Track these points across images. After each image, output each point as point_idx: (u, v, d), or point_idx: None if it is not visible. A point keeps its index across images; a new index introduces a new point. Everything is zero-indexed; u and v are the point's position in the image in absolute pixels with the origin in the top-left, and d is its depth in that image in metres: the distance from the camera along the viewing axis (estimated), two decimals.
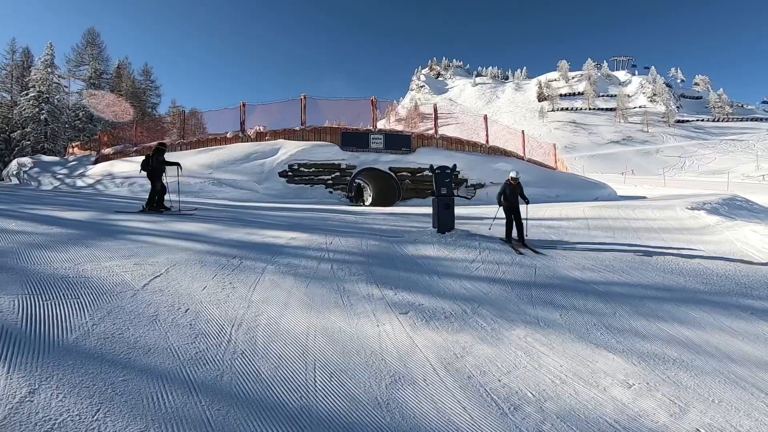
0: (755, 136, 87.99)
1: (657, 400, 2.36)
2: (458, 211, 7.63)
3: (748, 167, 60.19)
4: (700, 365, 2.81)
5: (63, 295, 3.07)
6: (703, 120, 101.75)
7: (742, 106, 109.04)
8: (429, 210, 8.21)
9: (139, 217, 7.14)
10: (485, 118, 19.41)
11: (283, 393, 2.20)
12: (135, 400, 1.98)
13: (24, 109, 33.33)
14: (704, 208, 9.16)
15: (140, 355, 2.40)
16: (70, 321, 2.68)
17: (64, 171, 18.56)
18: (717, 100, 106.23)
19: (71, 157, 23.18)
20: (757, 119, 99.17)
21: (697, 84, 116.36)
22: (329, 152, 15.71)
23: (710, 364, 2.84)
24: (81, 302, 2.98)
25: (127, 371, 2.21)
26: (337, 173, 15.43)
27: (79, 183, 16.11)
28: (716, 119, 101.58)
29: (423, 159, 16.00)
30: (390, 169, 16.17)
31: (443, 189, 7.20)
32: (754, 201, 13.02)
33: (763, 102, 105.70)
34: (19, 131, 33.16)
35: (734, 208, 10.23)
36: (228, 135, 17.14)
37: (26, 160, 21.19)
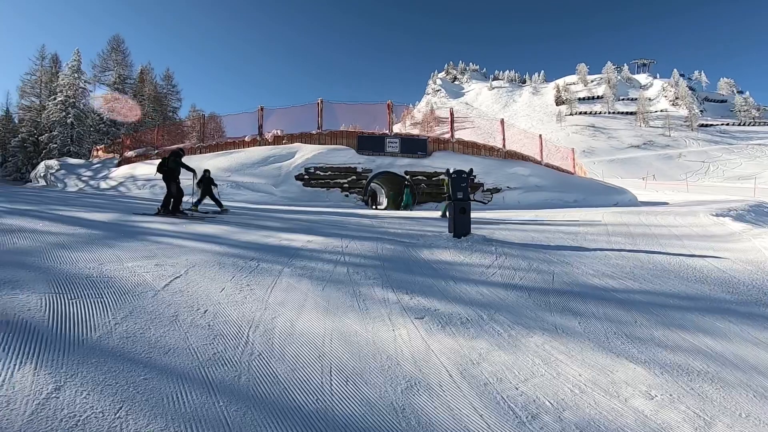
0: None
1: (681, 412, 2.29)
2: (474, 215, 7.58)
3: None
4: (726, 377, 2.72)
5: (87, 294, 3.16)
6: (728, 124, 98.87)
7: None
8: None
9: (159, 219, 7.30)
10: (502, 122, 19.27)
11: (299, 395, 2.21)
12: (156, 399, 2.02)
13: (52, 113, 34.52)
14: (730, 214, 8.89)
15: (161, 354, 2.45)
16: (93, 320, 2.75)
17: (89, 173, 19.14)
18: (743, 104, 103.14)
19: (95, 160, 23.92)
20: None
21: (737, 91, 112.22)
22: (345, 156, 15.83)
23: (737, 376, 2.75)
24: (104, 301, 3.06)
25: (148, 370, 2.25)
26: (353, 177, 15.52)
27: (103, 185, 16.61)
28: (742, 123, 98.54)
29: (439, 163, 15.98)
30: (405, 172, 16.20)
31: (459, 193, 7.17)
32: None
33: (738, 92, 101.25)
34: (46, 134, 34.35)
35: (762, 215, 9.91)
36: (246, 138, 17.45)
37: (53, 162, 21.94)
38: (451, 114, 18.78)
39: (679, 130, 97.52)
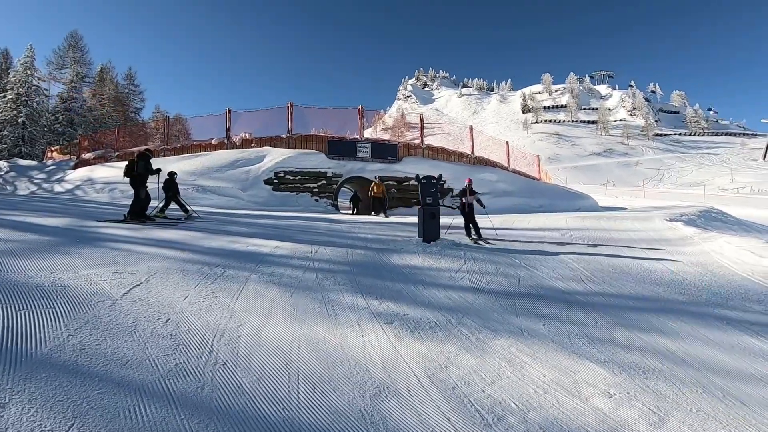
0: (729, 150, 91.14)
1: (637, 409, 2.39)
2: (443, 220, 7.68)
3: (723, 180, 62.33)
4: (679, 374, 2.86)
5: (37, 304, 2.97)
6: (680, 134, 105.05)
7: (717, 121, 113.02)
8: (415, 219, 8.24)
9: (118, 225, 6.98)
10: (471, 128, 19.66)
11: (265, 405, 2.16)
12: (111, 414, 1.92)
13: (1, 112, 32.44)
14: (682, 219, 9.41)
15: (117, 367, 2.33)
16: (44, 332, 2.59)
17: (42, 176, 18.09)
18: (693, 115, 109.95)
19: (49, 162, 22.65)
20: (730, 134, 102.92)
21: (710, 109, 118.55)
22: (315, 160, 15.69)
23: (688, 373, 2.90)
24: (56, 312, 2.89)
25: (103, 384, 2.14)
26: (323, 181, 15.39)
27: (58, 188, 15.70)
28: (693, 133, 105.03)
29: (409, 168, 16.10)
30: (376, 177, 16.22)
31: (429, 198, 7.25)
32: (728, 213, 13.42)
33: (709, 110, 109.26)
34: None
35: (710, 219, 10.54)
36: (213, 141, 16.98)
37: (2, 164, 20.59)
38: (422, 120, 19.00)
39: (636, 139, 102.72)
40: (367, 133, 20.05)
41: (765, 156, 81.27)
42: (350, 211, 17.53)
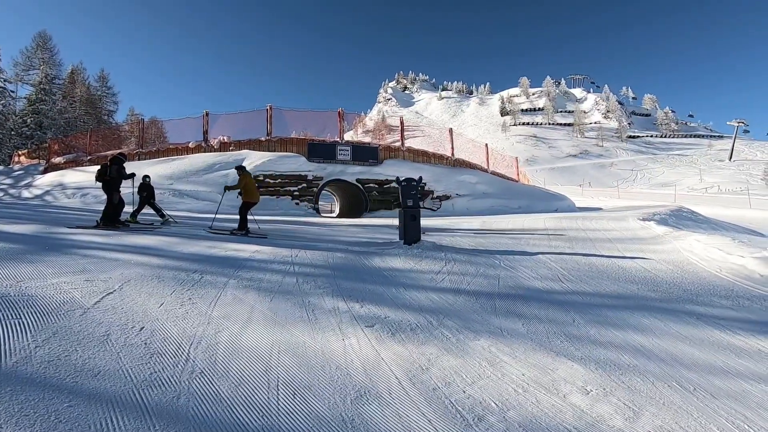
0: (698, 152, 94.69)
1: (613, 405, 2.44)
2: (424, 222, 7.72)
3: (693, 180, 64.75)
4: (652, 370, 2.94)
5: (2, 315, 2.85)
6: (652, 136, 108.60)
7: (686, 123, 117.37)
8: (396, 221, 8.26)
9: (90, 231, 6.76)
10: (450, 131, 19.85)
11: (244, 413, 2.12)
12: (81, 428, 1.85)
13: None
14: (654, 219, 9.72)
15: (88, 378, 2.25)
16: (9, 343, 2.48)
17: (9, 181, 17.42)
18: (664, 118, 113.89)
19: (17, 166, 21.82)
20: (699, 135, 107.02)
21: (688, 117, 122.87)
22: (295, 163, 15.57)
23: (661, 368, 2.98)
24: (23, 323, 2.78)
25: (73, 396, 2.06)
26: (304, 184, 15.28)
27: (26, 194, 15.14)
28: (664, 135, 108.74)
29: (390, 171, 16.14)
30: (357, 180, 16.20)
31: (409, 201, 7.27)
32: (698, 212, 13.94)
33: (689, 116, 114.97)
34: None
35: (681, 218, 10.92)
36: (190, 145, 16.67)
37: None
38: (402, 123, 19.08)
39: (610, 141, 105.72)
40: (348, 136, 20.03)
41: (731, 157, 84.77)
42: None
